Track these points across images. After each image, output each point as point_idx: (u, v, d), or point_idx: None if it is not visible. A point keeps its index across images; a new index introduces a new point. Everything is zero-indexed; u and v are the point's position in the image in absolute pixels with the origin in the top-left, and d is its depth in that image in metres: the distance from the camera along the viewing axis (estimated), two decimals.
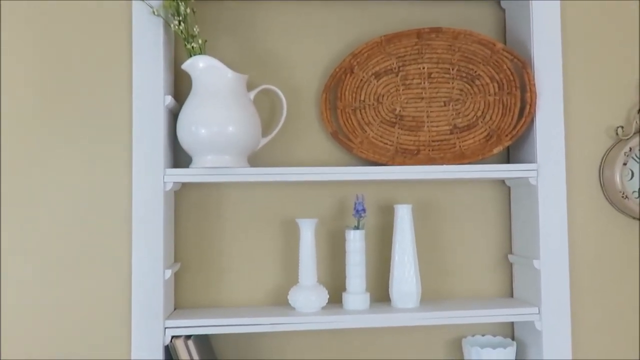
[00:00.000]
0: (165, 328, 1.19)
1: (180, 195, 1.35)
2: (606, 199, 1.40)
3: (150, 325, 1.18)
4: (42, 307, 1.25)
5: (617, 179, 1.35)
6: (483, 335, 1.38)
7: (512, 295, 1.42)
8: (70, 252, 1.26)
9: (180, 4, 1.19)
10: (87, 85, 1.28)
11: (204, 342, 1.25)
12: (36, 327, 1.25)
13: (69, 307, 1.26)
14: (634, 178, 1.38)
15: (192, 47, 1.21)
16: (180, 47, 1.34)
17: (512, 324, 1.41)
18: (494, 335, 1.39)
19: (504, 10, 1.44)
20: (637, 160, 1.38)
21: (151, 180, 1.19)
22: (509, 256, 1.41)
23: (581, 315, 1.39)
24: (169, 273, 1.21)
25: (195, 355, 1.17)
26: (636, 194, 1.37)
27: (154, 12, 1.19)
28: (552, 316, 1.27)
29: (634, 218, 1.40)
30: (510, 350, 1.29)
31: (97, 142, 1.28)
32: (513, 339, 1.40)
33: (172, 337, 1.19)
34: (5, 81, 1.27)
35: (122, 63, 1.28)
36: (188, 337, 1.19)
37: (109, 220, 1.27)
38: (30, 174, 1.27)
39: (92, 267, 1.27)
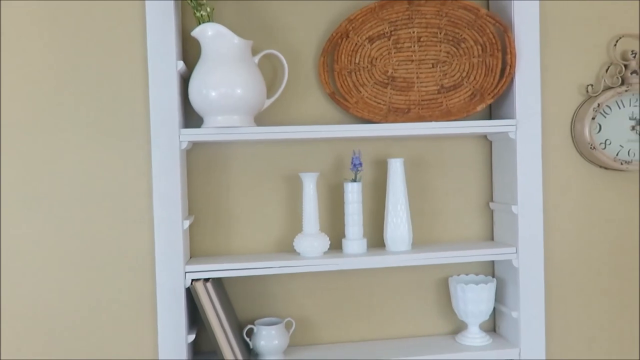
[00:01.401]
0: (186, 272, 1.32)
1: (191, 154, 1.45)
2: (576, 150, 1.54)
3: (172, 270, 1.30)
4: (70, 260, 1.37)
5: (587, 132, 1.47)
6: (467, 275, 1.51)
7: (492, 239, 1.56)
8: (96, 208, 1.37)
9: None
10: (105, 54, 1.36)
11: (218, 285, 1.38)
12: (63, 277, 1.37)
13: (96, 258, 1.37)
14: (601, 131, 1.50)
15: (201, 15, 1.29)
16: (187, 15, 1.41)
17: (492, 263, 1.56)
18: (477, 274, 1.54)
19: None
20: (604, 115, 1.51)
21: (168, 140, 1.29)
22: (490, 204, 1.54)
23: (553, 253, 1.54)
24: (187, 223, 1.32)
25: (213, 296, 1.31)
26: (603, 146, 1.50)
27: None
28: (528, 255, 1.41)
29: (600, 167, 1.55)
30: (491, 286, 1.44)
31: (117, 106, 1.37)
32: (494, 276, 1.56)
33: (192, 280, 1.32)
34: (24, 52, 1.34)
35: (137, 32, 1.36)
36: (206, 280, 1.32)
37: (131, 178, 1.37)
38: (56, 135, 1.36)
39: (116, 221, 1.38)
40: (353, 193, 1.41)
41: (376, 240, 1.51)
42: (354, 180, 1.42)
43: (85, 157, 1.37)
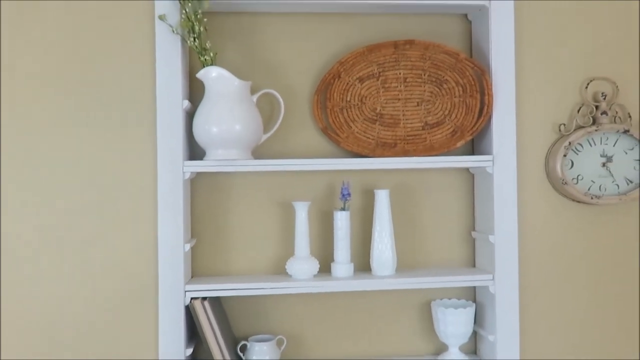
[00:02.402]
0: (186, 291, 1.43)
1: (195, 183, 1.57)
2: (550, 184, 1.62)
3: (173, 289, 1.42)
4: (76, 278, 1.50)
5: (559, 168, 1.56)
6: (450, 299, 1.59)
7: (474, 265, 1.65)
8: (106, 232, 1.50)
9: (195, 23, 1.40)
10: (119, 93, 1.50)
11: (216, 303, 1.50)
12: (74, 293, 1.50)
13: (102, 278, 1.50)
14: (573, 167, 1.59)
15: (205, 59, 1.43)
16: (193, 58, 1.55)
17: (474, 289, 1.64)
18: (459, 299, 1.61)
19: (470, 22, 1.64)
20: (577, 152, 1.60)
21: (173, 171, 1.42)
22: (472, 232, 1.63)
23: (528, 281, 1.62)
24: (188, 247, 1.45)
25: (210, 313, 1.42)
26: (575, 181, 1.59)
27: (173, 31, 1.41)
28: (504, 282, 1.50)
29: (572, 200, 1.63)
30: (469, 310, 1.52)
31: (129, 140, 1.51)
32: (475, 301, 1.63)
33: (192, 298, 1.43)
34: (44, 90, 1.49)
35: (147, 74, 1.50)
36: (204, 298, 1.44)
37: (138, 205, 1.51)
38: (73, 171, 1.50)
39: (124, 244, 1.51)
40: (342, 220, 1.52)
41: (363, 264, 1.61)
42: (343, 209, 1.52)
43: (97, 184, 1.51)
